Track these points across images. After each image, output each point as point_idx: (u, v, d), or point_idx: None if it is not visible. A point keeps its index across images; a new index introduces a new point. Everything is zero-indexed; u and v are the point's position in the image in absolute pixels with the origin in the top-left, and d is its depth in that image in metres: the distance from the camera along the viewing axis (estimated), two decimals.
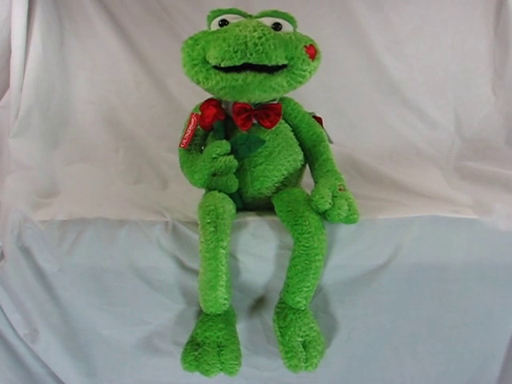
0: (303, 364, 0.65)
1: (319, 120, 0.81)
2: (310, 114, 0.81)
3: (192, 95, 0.95)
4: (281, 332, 0.67)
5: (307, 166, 0.81)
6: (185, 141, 0.76)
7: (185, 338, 0.68)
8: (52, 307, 0.75)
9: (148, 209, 0.79)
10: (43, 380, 0.80)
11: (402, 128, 1.17)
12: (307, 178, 0.81)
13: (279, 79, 0.70)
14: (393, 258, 0.72)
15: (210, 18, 0.74)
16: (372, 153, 1.11)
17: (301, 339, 0.66)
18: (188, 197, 0.86)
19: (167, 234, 0.73)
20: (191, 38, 0.72)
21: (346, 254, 0.72)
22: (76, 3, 1.12)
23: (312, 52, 0.71)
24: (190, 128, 0.76)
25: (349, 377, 0.78)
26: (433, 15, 1.15)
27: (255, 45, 0.66)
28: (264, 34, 0.67)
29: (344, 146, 1.09)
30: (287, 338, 0.66)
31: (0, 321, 0.76)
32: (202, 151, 0.77)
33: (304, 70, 0.71)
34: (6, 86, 1.00)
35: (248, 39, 0.66)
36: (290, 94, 0.78)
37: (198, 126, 0.77)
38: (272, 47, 0.67)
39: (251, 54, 0.66)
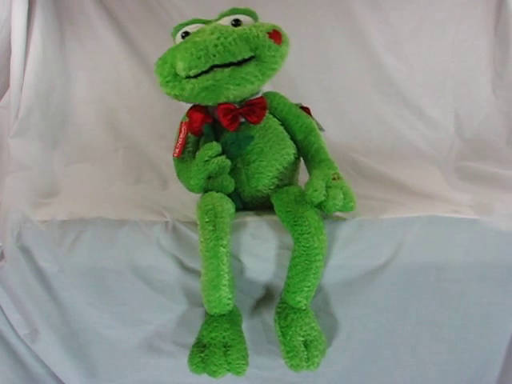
0: (305, 363, 0.65)
1: (307, 110, 0.81)
2: (297, 105, 0.80)
3: None
4: (282, 332, 0.67)
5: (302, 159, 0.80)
6: (177, 150, 0.77)
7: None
8: (52, 307, 0.75)
9: (148, 209, 0.79)
10: (43, 380, 0.80)
11: (402, 128, 1.17)
12: (306, 176, 0.81)
13: (249, 69, 0.70)
14: (393, 258, 0.72)
15: (174, 34, 0.75)
16: (372, 153, 1.11)
17: (302, 339, 0.66)
18: (188, 197, 0.85)
19: (167, 233, 0.73)
20: (160, 59, 0.73)
21: (346, 253, 0.72)
22: (76, 3, 1.12)
23: (277, 36, 0.71)
24: (180, 136, 0.77)
25: (349, 376, 0.78)
26: (433, 15, 1.15)
27: (215, 46, 0.67)
28: (221, 34, 0.68)
29: (344, 145, 1.09)
30: (288, 337, 0.66)
31: (0, 321, 0.76)
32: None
33: (273, 56, 0.70)
34: (6, 85, 1.00)
35: (207, 43, 0.67)
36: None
37: (189, 134, 0.77)
38: (233, 43, 0.67)
39: (214, 56, 0.67)
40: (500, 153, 1.09)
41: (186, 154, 0.78)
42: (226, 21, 0.73)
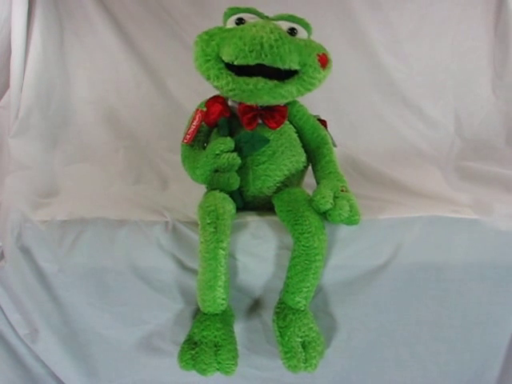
0: (302, 364, 0.65)
1: (324, 123, 0.82)
2: (314, 116, 0.81)
3: (192, 95, 0.96)
4: (280, 332, 0.67)
5: (309, 168, 0.81)
6: (188, 136, 0.76)
7: (184, 338, 0.68)
8: (52, 307, 0.75)
9: (148, 209, 0.79)
10: (43, 380, 0.80)
11: (402, 128, 1.17)
12: (308, 179, 0.81)
13: (289, 87, 0.70)
14: (393, 257, 0.72)
15: (227, 16, 0.74)
16: (372, 153, 1.11)
17: (300, 339, 0.66)
18: (188, 197, 0.86)
19: (167, 234, 0.73)
20: (206, 33, 0.72)
21: (346, 254, 0.72)
22: (76, 3, 1.12)
23: (324, 61, 0.72)
24: (194, 124, 0.76)
25: (349, 377, 0.78)
26: (433, 15, 1.15)
27: (271, 47, 0.66)
28: (280, 37, 0.67)
29: (344, 146, 1.08)
30: (287, 338, 0.66)
31: (0, 321, 0.76)
32: (204, 148, 0.77)
33: (314, 78, 0.71)
34: (6, 85, 1.00)
35: (264, 40, 0.66)
36: None
37: (202, 123, 0.77)
38: (287, 51, 0.67)
39: (266, 56, 0.66)
40: (500, 153, 1.09)
41: (195, 142, 0.77)
42: (283, 25, 0.72)
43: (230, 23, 0.73)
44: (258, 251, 0.72)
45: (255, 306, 0.75)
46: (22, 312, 0.76)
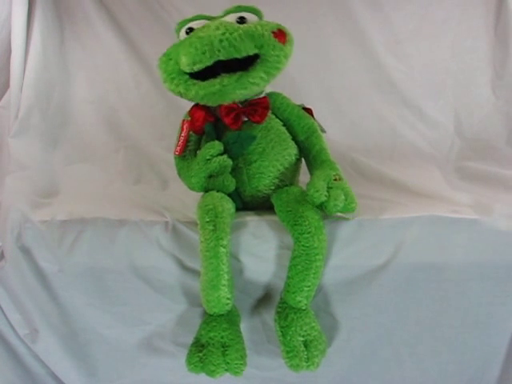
0: (305, 363, 0.65)
1: (309, 111, 0.81)
2: (299, 105, 0.81)
3: None
4: (282, 332, 0.66)
5: (303, 160, 0.81)
6: (179, 148, 0.77)
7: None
8: (52, 307, 0.75)
9: (148, 209, 0.79)
10: (43, 380, 0.80)
11: (402, 128, 1.17)
12: (307, 177, 0.81)
13: (255, 73, 0.70)
14: (393, 258, 0.72)
15: (178, 30, 0.75)
16: (372, 152, 1.11)
17: (302, 339, 0.66)
18: (188, 197, 0.86)
19: (167, 233, 0.73)
20: (164, 55, 0.73)
21: (346, 254, 0.72)
22: (76, 3, 1.12)
23: (281, 36, 0.71)
24: (182, 135, 0.77)
25: (349, 376, 0.78)
26: (433, 15, 1.15)
27: (221, 41, 0.67)
28: (227, 29, 0.68)
29: (344, 145, 1.09)
30: (288, 337, 0.66)
31: (0, 321, 0.76)
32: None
33: (278, 56, 0.70)
34: (6, 85, 1.00)
35: (212, 38, 0.67)
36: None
37: (191, 132, 0.77)
38: (238, 40, 0.67)
39: (219, 51, 0.67)
40: (500, 153, 1.09)
41: (187, 152, 0.78)
42: (231, 18, 0.72)
43: (182, 35, 0.74)
44: (259, 251, 0.72)
45: (256, 306, 0.75)
46: (22, 312, 0.76)
